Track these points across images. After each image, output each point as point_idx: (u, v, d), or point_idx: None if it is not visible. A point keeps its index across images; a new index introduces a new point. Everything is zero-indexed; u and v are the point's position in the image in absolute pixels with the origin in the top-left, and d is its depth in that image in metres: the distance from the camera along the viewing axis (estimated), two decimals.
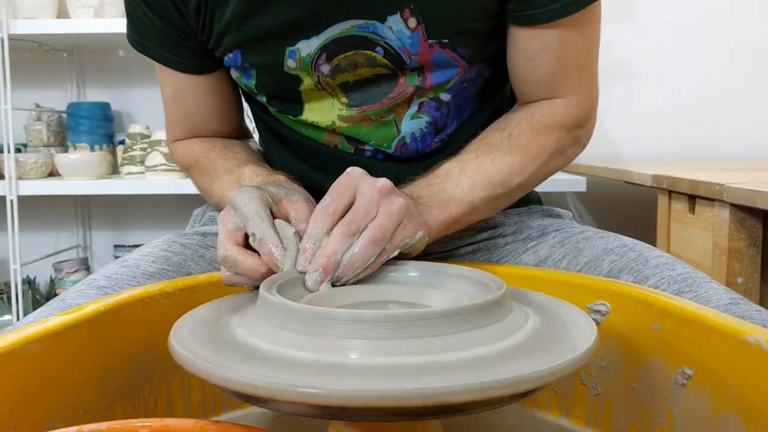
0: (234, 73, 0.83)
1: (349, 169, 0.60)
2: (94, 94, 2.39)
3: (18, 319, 2.06)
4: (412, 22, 0.75)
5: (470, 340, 0.45)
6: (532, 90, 0.81)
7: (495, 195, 0.75)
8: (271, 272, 0.57)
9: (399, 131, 0.83)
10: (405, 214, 0.59)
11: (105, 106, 2.26)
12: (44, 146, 2.28)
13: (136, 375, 0.58)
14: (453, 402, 0.40)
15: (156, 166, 2.05)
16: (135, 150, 2.12)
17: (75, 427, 0.37)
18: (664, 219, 1.56)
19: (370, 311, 0.45)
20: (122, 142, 2.20)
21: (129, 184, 2.08)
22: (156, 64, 0.87)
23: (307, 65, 0.78)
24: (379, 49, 0.77)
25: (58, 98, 2.35)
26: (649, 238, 1.43)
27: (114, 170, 2.24)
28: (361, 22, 0.75)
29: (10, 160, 2.01)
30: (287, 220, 0.62)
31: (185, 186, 2.04)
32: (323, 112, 0.82)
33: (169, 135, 0.94)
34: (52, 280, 2.32)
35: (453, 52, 0.78)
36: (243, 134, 0.96)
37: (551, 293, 0.58)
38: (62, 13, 2.09)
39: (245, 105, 0.96)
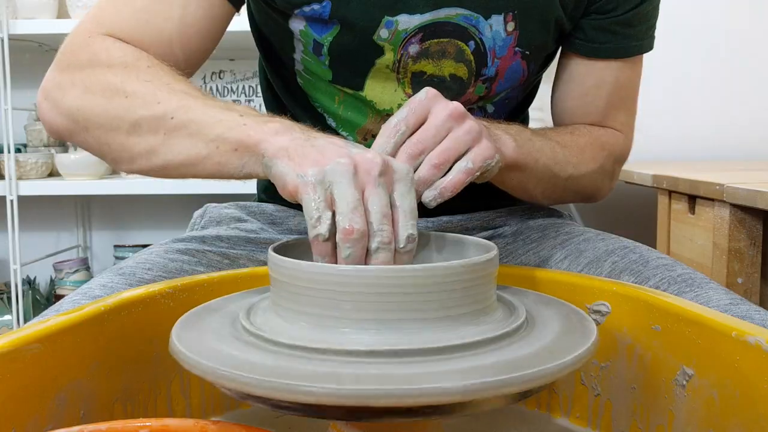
0: (297, 26, 0.76)
1: (425, 89, 0.61)
2: None
3: (18, 319, 2.06)
4: (510, 27, 0.78)
5: (466, 331, 0.45)
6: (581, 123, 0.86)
7: (553, 172, 0.77)
8: None
9: None
10: (477, 137, 0.59)
11: None
12: (44, 146, 2.28)
13: (136, 375, 0.58)
14: (450, 402, 0.40)
15: None
16: None
17: (75, 427, 0.37)
18: (664, 219, 1.56)
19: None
20: None
21: (129, 184, 2.08)
22: None
23: (399, 41, 0.77)
24: (471, 43, 0.78)
25: None
26: (649, 238, 1.44)
27: (114, 170, 2.24)
28: (468, 12, 0.76)
29: (10, 160, 2.01)
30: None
31: (185, 186, 2.03)
32: (385, 95, 0.81)
33: (102, 21, 0.70)
34: (52, 281, 2.32)
35: (526, 65, 0.81)
36: None
37: (552, 293, 0.58)
38: (62, 13, 2.09)
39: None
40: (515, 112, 0.90)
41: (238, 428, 0.38)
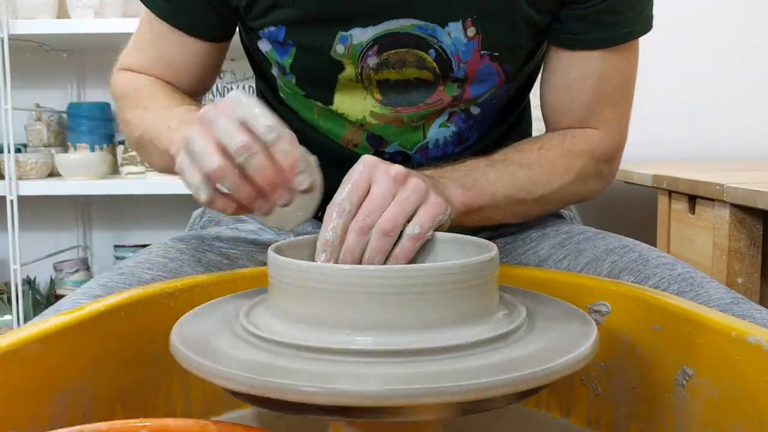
0: (264, 47, 0.81)
1: (363, 158, 0.59)
2: (94, 94, 2.38)
3: (18, 319, 2.06)
4: (471, 32, 0.76)
5: (466, 332, 0.45)
6: (564, 120, 0.83)
7: (517, 198, 0.75)
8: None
9: (425, 136, 0.84)
10: (424, 194, 0.58)
11: (105, 106, 2.26)
12: (44, 146, 2.28)
13: (136, 375, 0.58)
14: (450, 402, 0.40)
15: None
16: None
17: (75, 427, 0.37)
18: (664, 219, 1.56)
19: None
20: (122, 142, 2.20)
21: (129, 184, 2.08)
22: (144, 6, 0.82)
23: (356, 54, 0.77)
24: (431, 51, 0.77)
25: (58, 98, 2.35)
26: (650, 238, 1.44)
27: (114, 170, 2.24)
28: (422, 23, 0.75)
29: (10, 160, 2.01)
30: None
31: (185, 186, 2.03)
32: (355, 105, 0.81)
33: (123, 60, 0.87)
34: (52, 281, 2.32)
35: (499, 67, 0.79)
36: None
37: (552, 293, 0.58)
38: (62, 13, 2.09)
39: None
40: (507, 109, 0.88)
41: (238, 428, 0.38)
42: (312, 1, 0.75)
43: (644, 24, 0.80)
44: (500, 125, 0.88)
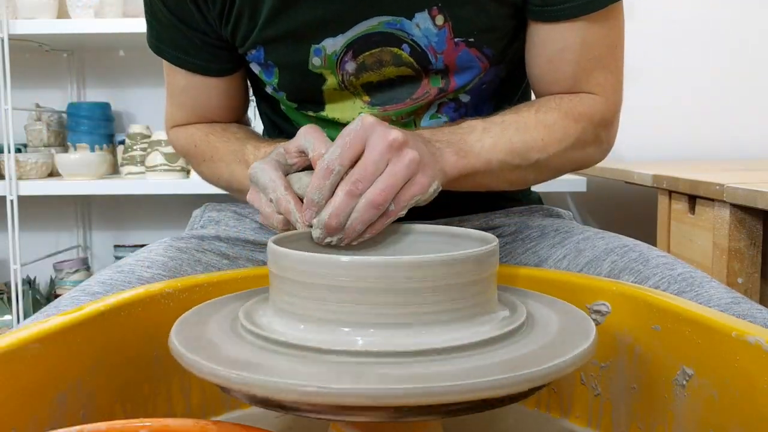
0: (256, 68, 0.83)
1: (361, 117, 0.58)
2: (94, 94, 2.39)
3: (18, 319, 2.06)
4: (440, 20, 0.76)
5: (462, 332, 0.45)
6: (553, 90, 0.81)
7: (513, 164, 0.74)
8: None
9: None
10: (416, 169, 0.57)
11: (105, 106, 2.26)
12: (44, 146, 2.28)
13: (136, 375, 0.58)
14: (450, 402, 0.40)
15: (156, 166, 2.05)
16: (135, 150, 2.12)
17: (75, 428, 0.37)
18: (664, 219, 1.56)
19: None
20: (122, 142, 2.21)
21: (129, 184, 2.08)
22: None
23: (333, 63, 0.78)
24: (405, 46, 0.77)
25: (58, 98, 2.35)
26: (650, 238, 1.44)
27: (114, 170, 2.24)
28: (389, 18, 0.75)
29: (10, 160, 2.01)
30: (303, 153, 0.61)
31: (185, 186, 2.04)
32: (345, 110, 0.82)
33: (169, 120, 0.93)
34: (52, 281, 2.32)
35: (478, 52, 0.79)
36: (245, 123, 0.96)
37: (551, 293, 0.58)
38: (62, 13, 2.09)
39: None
40: (504, 91, 0.87)
41: (238, 428, 0.38)
42: (277, 19, 0.76)
43: None
44: (499, 111, 0.87)
